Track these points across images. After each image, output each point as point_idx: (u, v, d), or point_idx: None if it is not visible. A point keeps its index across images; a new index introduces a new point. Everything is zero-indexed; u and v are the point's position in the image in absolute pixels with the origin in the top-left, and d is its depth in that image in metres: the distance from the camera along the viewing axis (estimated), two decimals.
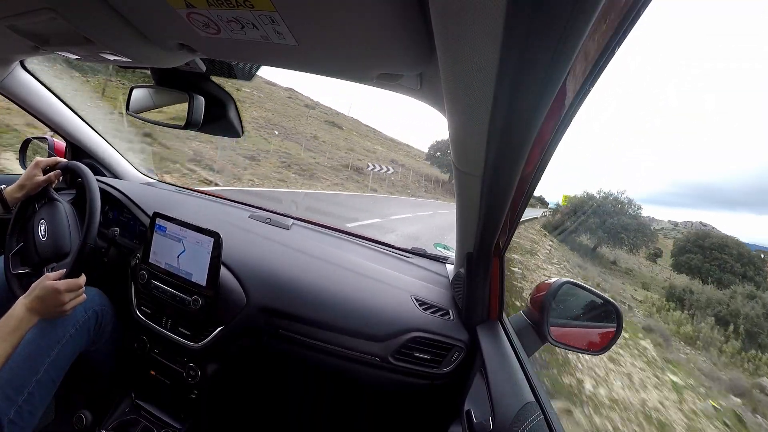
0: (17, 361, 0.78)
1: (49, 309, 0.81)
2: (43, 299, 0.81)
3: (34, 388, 0.79)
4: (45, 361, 0.82)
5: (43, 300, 0.81)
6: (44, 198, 1.06)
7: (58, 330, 0.87)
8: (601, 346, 0.82)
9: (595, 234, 24.71)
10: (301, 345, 0.95)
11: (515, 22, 0.27)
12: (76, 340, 0.90)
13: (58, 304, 0.82)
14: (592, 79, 0.35)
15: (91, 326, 0.95)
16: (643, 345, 6.68)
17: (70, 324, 0.89)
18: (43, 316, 0.81)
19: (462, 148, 0.53)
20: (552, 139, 0.45)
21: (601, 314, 0.85)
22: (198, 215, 1.23)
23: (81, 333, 0.92)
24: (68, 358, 0.88)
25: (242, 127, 0.93)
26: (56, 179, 1.07)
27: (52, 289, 0.82)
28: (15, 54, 1.00)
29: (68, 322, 0.89)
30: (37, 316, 0.80)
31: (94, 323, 0.96)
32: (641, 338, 7.15)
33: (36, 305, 0.80)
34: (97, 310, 0.97)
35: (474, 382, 0.82)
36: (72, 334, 0.89)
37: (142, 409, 1.03)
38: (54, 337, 0.85)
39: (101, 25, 0.58)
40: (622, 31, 0.30)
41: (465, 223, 0.81)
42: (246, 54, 0.59)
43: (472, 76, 0.35)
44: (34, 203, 1.06)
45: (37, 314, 0.80)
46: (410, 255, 1.31)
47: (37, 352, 0.82)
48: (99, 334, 0.98)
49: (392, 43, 0.44)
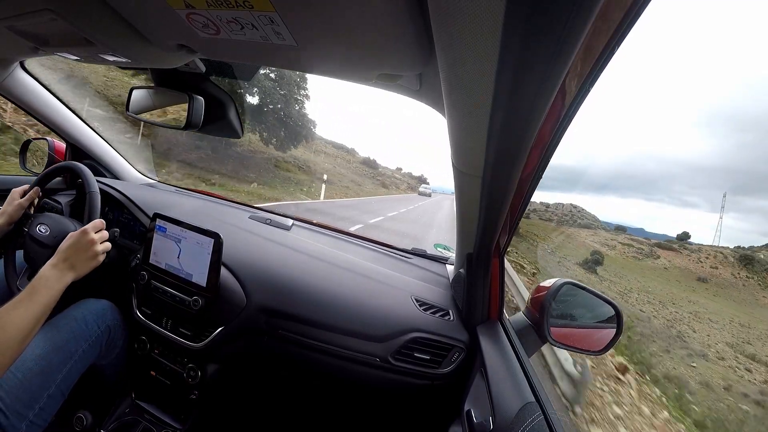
0: (30, 377, 0.77)
1: (80, 256, 0.80)
2: (72, 247, 0.79)
3: (45, 403, 0.78)
4: (57, 377, 0.81)
5: (72, 248, 0.79)
6: (30, 218, 1.02)
7: (71, 345, 0.86)
8: (601, 346, 0.82)
9: None
10: (301, 345, 0.95)
11: (514, 22, 0.27)
12: (88, 355, 0.90)
13: (88, 245, 0.81)
14: (591, 79, 0.35)
15: (103, 341, 0.94)
16: None
17: (83, 339, 0.89)
18: (76, 268, 0.79)
19: (462, 149, 0.53)
20: (552, 139, 0.45)
21: (601, 314, 0.85)
22: (198, 216, 1.23)
23: (93, 347, 0.91)
24: (79, 371, 0.88)
25: (242, 127, 0.93)
26: (36, 196, 1.05)
27: (78, 232, 0.82)
28: (15, 55, 1.00)
29: (81, 336, 0.88)
30: (69, 271, 0.78)
31: (106, 338, 0.95)
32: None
33: (65, 258, 0.78)
34: (110, 325, 0.96)
35: (474, 382, 0.82)
36: (85, 349, 0.88)
37: (142, 410, 1.03)
38: (67, 352, 0.84)
39: (101, 26, 0.58)
40: (621, 31, 0.30)
41: (465, 223, 0.81)
42: (245, 54, 0.59)
43: (471, 77, 0.35)
44: (22, 225, 1.02)
45: (69, 269, 0.78)
46: (410, 255, 1.31)
47: (50, 368, 0.80)
48: (110, 348, 0.97)
49: (392, 43, 0.43)
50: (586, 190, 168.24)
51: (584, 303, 0.87)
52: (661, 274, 31.97)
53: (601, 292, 0.85)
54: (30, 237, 0.98)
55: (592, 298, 0.86)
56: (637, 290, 25.55)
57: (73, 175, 1.05)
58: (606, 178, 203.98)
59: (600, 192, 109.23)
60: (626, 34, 0.30)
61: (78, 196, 1.25)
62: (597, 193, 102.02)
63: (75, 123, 1.36)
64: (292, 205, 11.01)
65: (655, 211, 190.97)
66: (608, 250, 35.37)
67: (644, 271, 32.21)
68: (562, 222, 54.29)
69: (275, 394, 1.18)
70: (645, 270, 32.62)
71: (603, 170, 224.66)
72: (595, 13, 0.25)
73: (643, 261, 34.76)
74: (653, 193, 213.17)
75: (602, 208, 75.39)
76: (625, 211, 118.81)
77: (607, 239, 38.50)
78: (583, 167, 39.16)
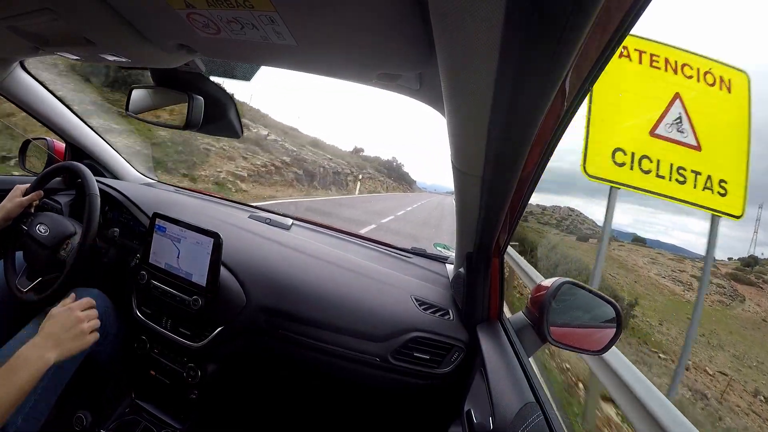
0: None
1: (66, 335, 0.73)
2: (56, 324, 0.73)
3: (40, 396, 0.78)
4: (50, 369, 0.81)
5: (56, 325, 0.73)
6: (30, 216, 1.04)
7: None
8: (601, 346, 0.82)
9: None
10: (301, 345, 0.95)
11: (515, 21, 0.27)
12: None
13: (74, 323, 0.75)
14: (592, 78, 0.35)
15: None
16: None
17: None
18: (61, 346, 0.72)
19: (461, 148, 0.53)
20: (552, 138, 0.45)
21: (600, 314, 0.85)
22: (198, 215, 1.23)
23: None
24: (73, 362, 0.88)
25: (242, 127, 0.93)
26: (38, 198, 1.06)
27: (63, 309, 0.76)
28: (14, 54, 1.00)
29: None
30: (53, 350, 0.70)
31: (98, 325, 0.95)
32: None
33: (47, 336, 0.72)
34: (100, 313, 0.97)
35: (474, 382, 0.82)
36: None
37: (142, 409, 1.03)
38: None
39: (101, 26, 0.58)
40: (622, 30, 0.30)
41: (465, 223, 0.81)
42: (246, 54, 0.59)
43: (471, 76, 0.35)
44: (21, 222, 1.03)
45: (53, 347, 0.70)
46: (410, 255, 1.31)
47: None
48: (103, 336, 0.97)
49: (392, 42, 0.44)
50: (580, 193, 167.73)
51: (584, 303, 0.87)
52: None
53: (601, 292, 0.84)
54: (29, 236, 0.98)
55: (592, 298, 0.86)
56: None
57: (72, 175, 1.05)
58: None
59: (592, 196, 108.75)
60: (626, 34, 0.31)
61: (77, 197, 1.25)
62: (590, 197, 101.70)
63: (74, 123, 1.36)
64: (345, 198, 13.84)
65: (648, 217, 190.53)
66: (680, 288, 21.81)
67: (740, 328, 17.81)
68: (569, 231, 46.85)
69: (275, 394, 1.18)
70: (737, 324, 18.36)
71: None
72: (595, 13, 0.25)
73: (731, 308, 21.17)
74: (647, 198, 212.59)
75: (593, 213, 75.18)
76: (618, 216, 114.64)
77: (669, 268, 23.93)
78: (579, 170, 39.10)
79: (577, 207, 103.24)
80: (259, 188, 10.23)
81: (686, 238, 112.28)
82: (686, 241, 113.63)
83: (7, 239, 1.02)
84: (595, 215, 64.69)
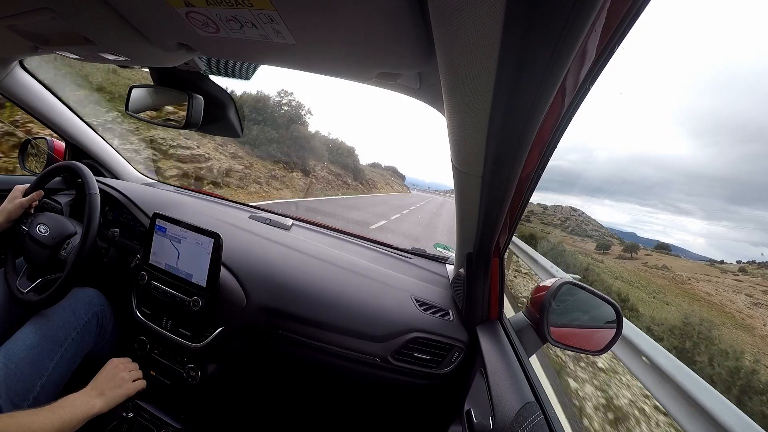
0: (21, 366, 0.78)
1: (109, 383, 0.82)
2: (101, 379, 0.82)
3: (39, 393, 0.79)
4: (49, 365, 0.82)
5: (102, 379, 0.82)
6: (30, 216, 1.03)
7: (60, 334, 0.87)
8: (601, 346, 0.82)
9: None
10: (301, 345, 0.95)
11: (514, 20, 0.27)
12: (78, 343, 0.90)
13: (117, 374, 0.84)
14: (591, 78, 0.35)
15: (93, 327, 0.95)
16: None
17: (72, 327, 0.90)
18: (106, 395, 0.79)
19: (461, 148, 0.52)
20: (551, 138, 0.45)
21: (600, 314, 0.85)
22: (198, 216, 1.22)
23: (84, 335, 0.92)
24: (72, 360, 0.88)
25: (242, 127, 0.93)
26: (38, 198, 1.06)
27: (110, 364, 0.85)
28: (14, 53, 1.00)
29: (70, 325, 0.89)
30: (98, 398, 0.77)
31: (96, 324, 0.96)
32: None
33: (94, 387, 0.80)
34: (97, 312, 0.97)
35: (474, 382, 0.82)
36: (74, 337, 0.89)
37: (142, 409, 1.02)
38: (56, 340, 0.85)
39: (100, 25, 0.58)
40: (621, 30, 0.30)
41: (465, 223, 0.81)
42: (245, 53, 0.59)
43: (471, 75, 0.34)
44: (21, 223, 1.03)
45: (97, 396, 0.78)
46: (410, 255, 1.31)
47: (41, 357, 0.82)
48: (101, 335, 0.98)
49: (391, 41, 0.43)
50: (581, 192, 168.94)
51: (584, 303, 0.87)
52: None
53: (602, 292, 0.85)
54: (30, 237, 0.98)
55: (592, 298, 0.86)
56: None
57: (72, 174, 1.05)
58: (600, 181, 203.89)
59: (593, 195, 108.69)
60: (626, 34, 0.30)
61: (78, 196, 1.25)
62: (591, 196, 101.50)
63: (74, 122, 1.36)
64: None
65: (646, 216, 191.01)
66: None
67: None
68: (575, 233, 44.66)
69: (275, 394, 1.18)
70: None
71: (598, 173, 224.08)
72: (595, 13, 0.25)
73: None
74: (647, 198, 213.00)
75: (594, 212, 75.16)
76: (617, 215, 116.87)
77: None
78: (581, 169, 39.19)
79: (578, 206, 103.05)
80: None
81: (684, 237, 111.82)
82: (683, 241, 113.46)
83: (8, 240, 1.02)
84: (596, 215, 65.53)
